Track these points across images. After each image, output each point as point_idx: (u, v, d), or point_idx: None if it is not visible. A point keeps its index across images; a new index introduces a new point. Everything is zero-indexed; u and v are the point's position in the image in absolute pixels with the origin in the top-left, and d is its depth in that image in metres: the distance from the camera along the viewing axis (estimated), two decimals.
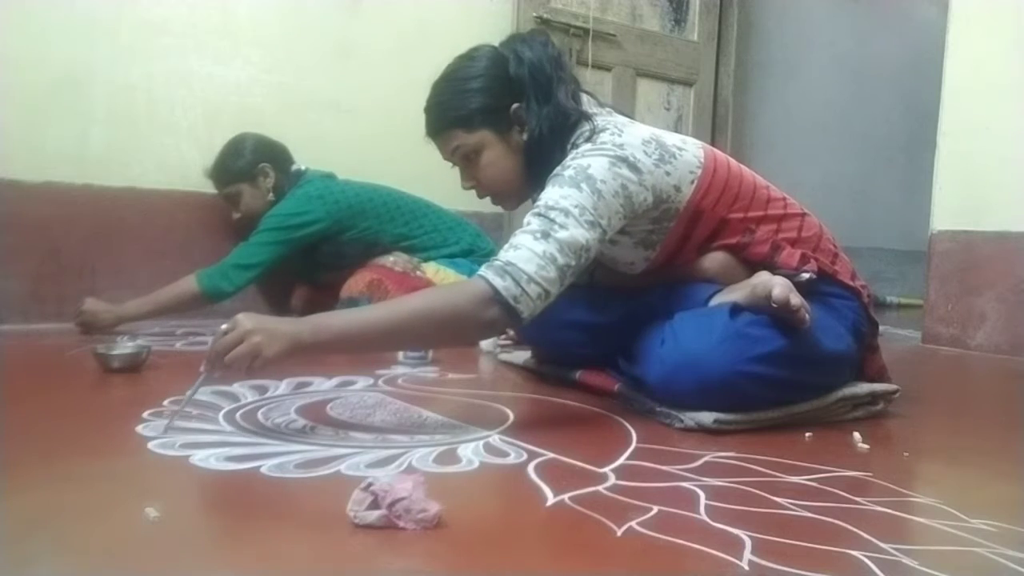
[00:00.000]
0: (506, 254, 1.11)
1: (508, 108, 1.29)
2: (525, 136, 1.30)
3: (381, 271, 2.05)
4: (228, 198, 2.18)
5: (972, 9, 2.40)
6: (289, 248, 2.05)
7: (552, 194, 1.16)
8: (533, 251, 1.10)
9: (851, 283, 1.35)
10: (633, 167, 1.19)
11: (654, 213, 1.26)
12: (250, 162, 2.14)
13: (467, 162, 1.33)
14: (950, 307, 2.41)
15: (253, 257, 1.99)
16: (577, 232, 1.12)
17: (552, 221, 1.12)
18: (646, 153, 1.22)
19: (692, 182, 1.27)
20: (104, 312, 1.93)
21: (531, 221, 1.15)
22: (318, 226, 2.07)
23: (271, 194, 2.15)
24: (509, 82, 1.29)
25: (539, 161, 1.28)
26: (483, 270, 1.10)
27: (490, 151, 1.30)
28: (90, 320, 1.91)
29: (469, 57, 1.33)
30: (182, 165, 2.27)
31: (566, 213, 1.13)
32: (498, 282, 1.08)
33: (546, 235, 1.11)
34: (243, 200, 2.15)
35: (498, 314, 1.08)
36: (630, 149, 1.21)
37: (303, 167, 2.21)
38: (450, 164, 1.36)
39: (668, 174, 1.24)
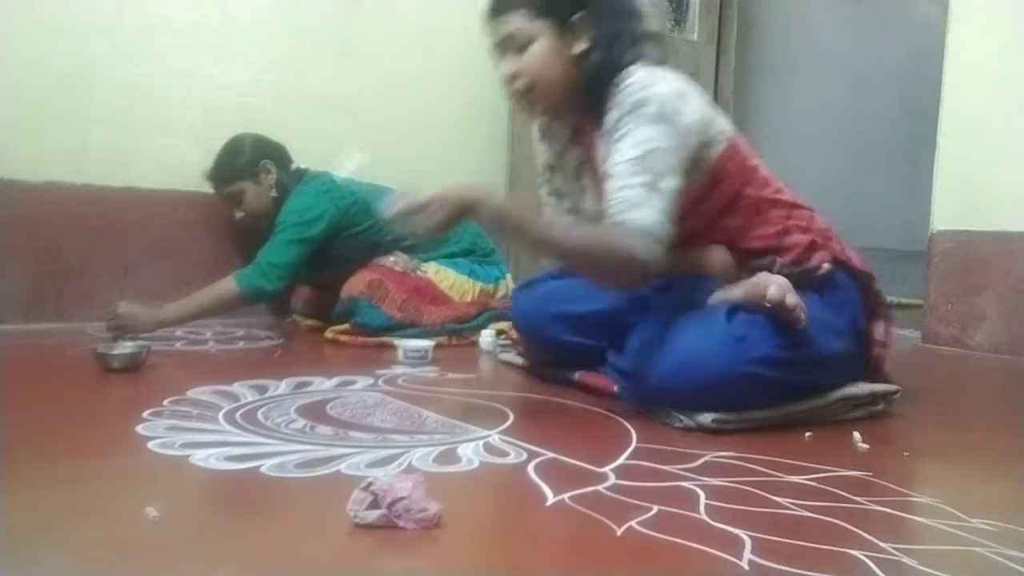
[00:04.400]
0: (624, 212, 1.15)
1: (573, 12, 1.28)
2: (580, 48, 1.29)
3: (381, 271, 2.05)
4: (230, 197, 2.16)
5: (972, 9, 2.40)
6: (312, 246, 2.03)
7: (643, 133, 1.18)
8: (651, 204, 1.14)
9: (864, 268, 1.36)
10: (689, 104, 1.24)
11: (697, 154, 1.27)
12: (251, 160, 2.13)
13: (517, 51, 1.30)
14: (950, 307, 2.41)
15: (281, 256, 1.97)
16: (672, 181, 1.17)
17: (651, 170, 1.16)
18: (697, 95, 1.28)
19: (723, 142, 1.31)
20: (142, 316, 1.82)
21: (635, 174, 1.16)
22: (330, 220, 2.06)
23: (274, 191, 2.14)
24: None
25: (589, 81, 1.28)
26: (628, 230, 1.14)
27: (541, 45, 1.28)
28: (126, 324, 1.80)
29: None
30: (182, 165, 2.27)
31: (661, 156, 1.17)
32: (643, 221, 1.13)
33: (652, 186, 1.15)
34: (246, 198, 2.13)
35: (656, 252, 1.14)
36: (685, 90, 1.25)
37: (303, 166, 2.21)
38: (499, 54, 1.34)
39: (711, 122, 1.29)
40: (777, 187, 1.38)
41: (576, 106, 1.32)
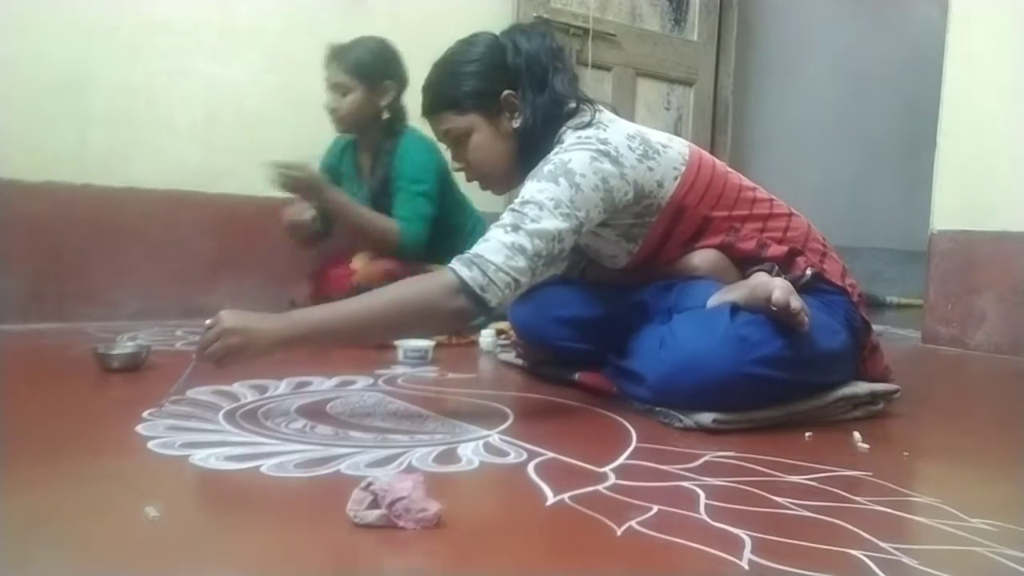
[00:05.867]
0: (476, 247, 1.16)
1: (499, 94, 1.31)
2: (516, 123, 1.32)
3: (397, 263, 2.01)
4: (336, 86, 2.07)
5: (972, 9, 2.40)
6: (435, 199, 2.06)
7: (529, 189, 1.20)
8: (502, 242, 1.14)
9: (839, 283, 1.35)
10: (615, 161, 1.22)
11: (636, 208, 1.28)
12: (378, 70, 2.05)
13: (457, 144, 1.36)
14: (950, 307, 2.41)
15: (426, 208, 2.03)
16: (549, 223, 1.15)
17: (524, 215, 1.16)
18: (630, 148, 1.25)
19: (675, 178, 1.29)
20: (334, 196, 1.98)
21: (505, 216, 1.18)
22: (437, 174, 2.06)
23: (387, 113, 2.09)
24: (504, 69, 1.32)
25: (531, 149, 1.31)
26: (453, 261, 1.15)
27: (479, 135, 1.33)
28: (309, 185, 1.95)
29: (468, 42, 1.37)
30: (182, 165, 2.27)
31: (540, 206, 1.16)
32: (464, 272, 1.12)
33: (516, 228, 1.15)
34: (349, 99, 2.05)
35: (465, 303, 1.12)
36: (613, 143, 1.24)
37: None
38: (444, 145, 1.40)
39: (651, 169, 1.27)
40: (750, 200, 1.37)
41: (528, 171, 1.30)
